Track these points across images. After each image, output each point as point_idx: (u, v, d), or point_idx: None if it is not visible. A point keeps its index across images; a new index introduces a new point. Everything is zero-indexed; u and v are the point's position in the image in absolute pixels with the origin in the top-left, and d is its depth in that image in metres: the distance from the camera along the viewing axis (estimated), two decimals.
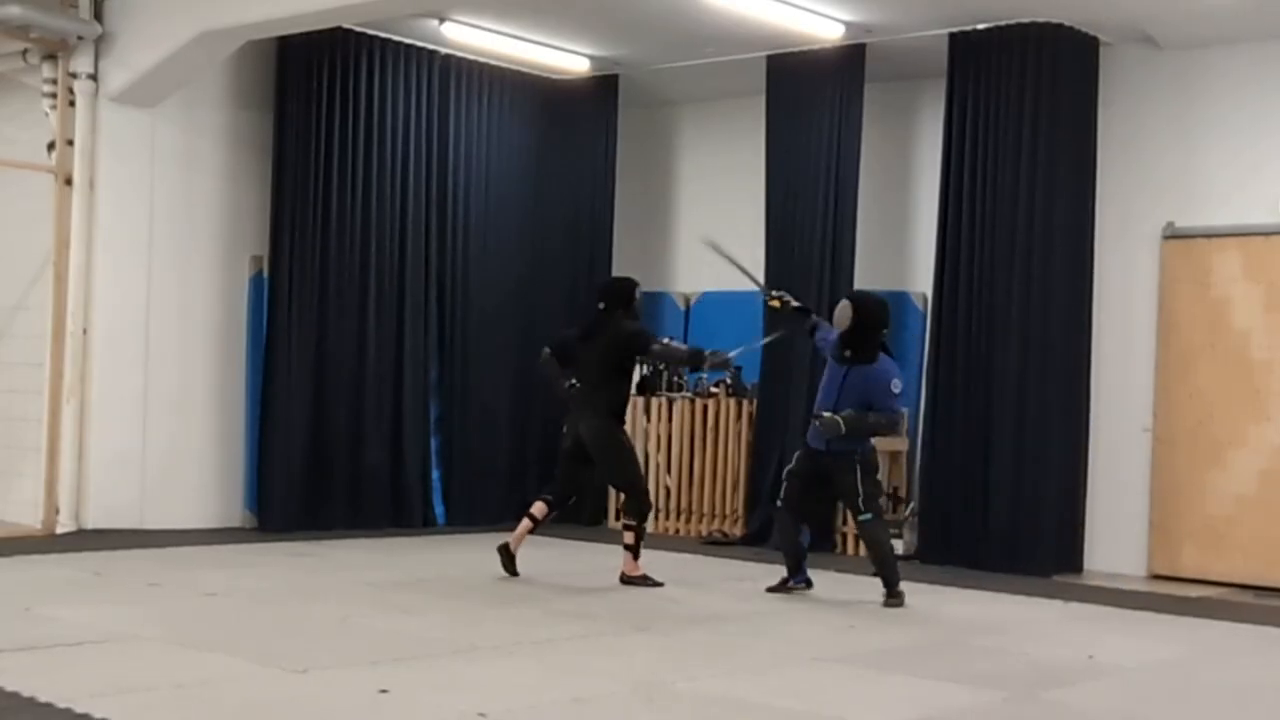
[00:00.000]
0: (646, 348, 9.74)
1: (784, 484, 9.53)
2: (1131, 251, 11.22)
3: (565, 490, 9.83)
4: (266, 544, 11.07)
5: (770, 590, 9.44)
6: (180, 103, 11.56)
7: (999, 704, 6.63)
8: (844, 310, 9.21)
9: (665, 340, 10.18)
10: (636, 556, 9.60)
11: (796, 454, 9.52)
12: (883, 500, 9.60)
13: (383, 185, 12.23)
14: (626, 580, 9.59)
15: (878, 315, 9.26)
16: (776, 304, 9.86)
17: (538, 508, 9.64)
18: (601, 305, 9.78)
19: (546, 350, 9.91)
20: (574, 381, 9.72)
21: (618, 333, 9.59)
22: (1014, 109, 11.01)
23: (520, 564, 9.60)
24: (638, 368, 13.10)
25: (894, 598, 9.12)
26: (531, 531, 9.61)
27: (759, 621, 8.64)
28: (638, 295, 9.81)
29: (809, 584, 9.47)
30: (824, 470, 9.26)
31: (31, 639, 7.07)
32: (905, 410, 9.22)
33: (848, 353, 9.17)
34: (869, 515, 9.20)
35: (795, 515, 9.45)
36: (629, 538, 9.60)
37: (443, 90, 12.66)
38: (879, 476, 9.53)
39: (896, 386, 9.09)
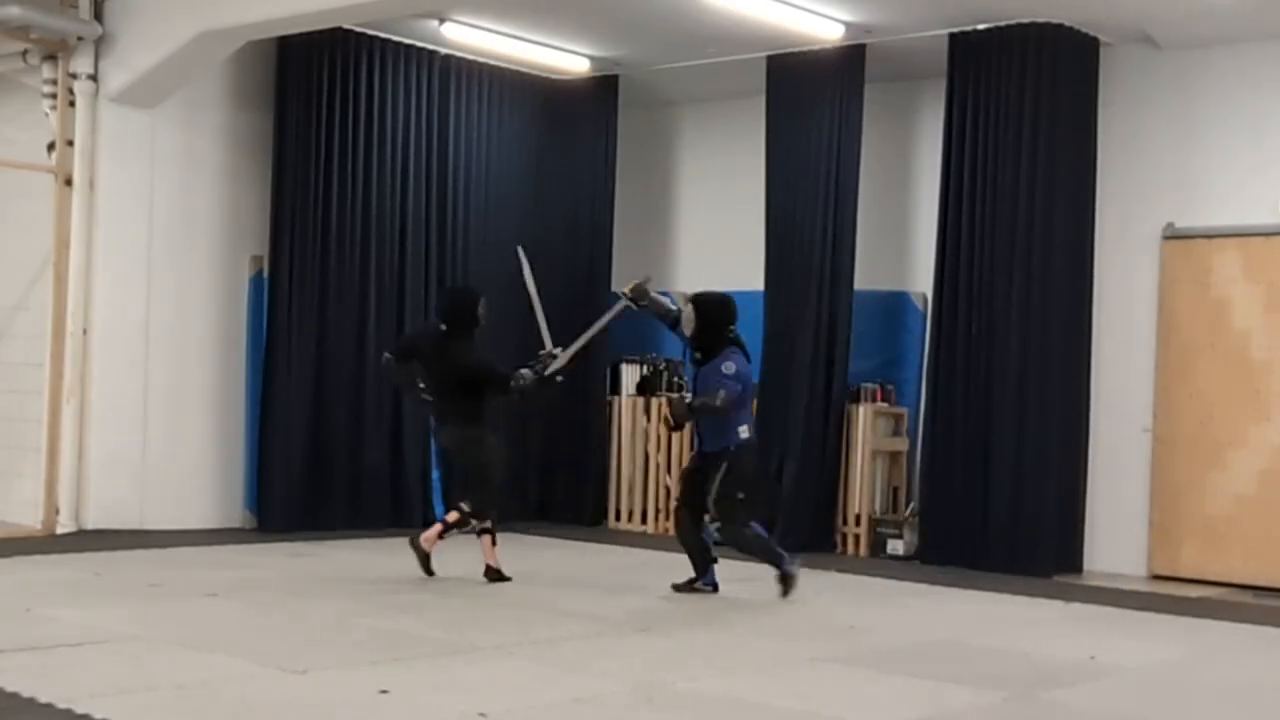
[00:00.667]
0: (505, 391, 9.41)
1: (679, 482, 9.41)
2: (1131, 252, 11.21)
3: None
4: (266, 544, 11.07)
5: (676, 588, 9.33)
6: (180, 103, 11.56)
7: (999, 704, 6.63)
8: (688, 313, 9.22)
9: (518, 375, 9.44)
10: (445, 532, 9.40)
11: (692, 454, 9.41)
12: (740, 497, 9.15)
13: (383, 185, 12.23)
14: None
15: (721, 312, 9.25)
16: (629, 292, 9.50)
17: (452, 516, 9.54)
18: (444, 328, 9.54)
19: (388, 356, 9.77)
20: (424, 387, 9.64)
21: (470, 366, 9.41)
22: (1014, 109, 11.00)
23: (520, 564, 9.60)
24: (638, 368, 13.17)
25: (784, 581, 9.03)
26: (493, 543, 9.50)
27: (759, 621, 8.63)
28: (480, 310, 9.55)
29: (715, 588, 9.30)
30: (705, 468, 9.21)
31: (32, 639, 7.07)
32: (727, 389, 8.86)
33: (698, 355, 9.19)
34: (715, 520, 9.11)
35: (691, 512, 9.32)
36: (452, 516, 9.44)
37: (443, 90, 12.65)
38: (749, 477, 9.26)
39: (728, 369, 8.97)
